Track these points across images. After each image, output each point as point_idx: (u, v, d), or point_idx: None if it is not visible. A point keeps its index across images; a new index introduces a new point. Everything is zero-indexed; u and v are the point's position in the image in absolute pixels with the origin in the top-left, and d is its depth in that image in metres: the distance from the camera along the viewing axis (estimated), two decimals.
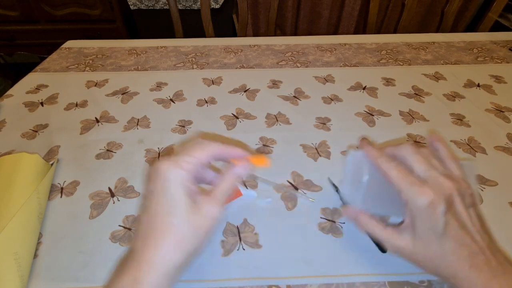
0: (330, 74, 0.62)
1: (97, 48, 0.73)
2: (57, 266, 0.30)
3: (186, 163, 0.24)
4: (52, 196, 0.37)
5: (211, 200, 0.24)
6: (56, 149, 0.44)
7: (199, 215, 0.23)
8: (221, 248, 0.32)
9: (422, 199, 0.24)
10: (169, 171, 0.23)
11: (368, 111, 0.52)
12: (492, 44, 0.73)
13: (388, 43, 0.74)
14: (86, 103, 0.54)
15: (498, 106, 0.52)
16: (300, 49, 0.72)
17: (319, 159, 0.42)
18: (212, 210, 0.24)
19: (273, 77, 0.61)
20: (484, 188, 0.38)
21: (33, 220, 0.32)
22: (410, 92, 0.56)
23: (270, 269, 0.30)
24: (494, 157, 0.43)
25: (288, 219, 0.35)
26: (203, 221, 0.23)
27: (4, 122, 0.50)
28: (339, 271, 0.30)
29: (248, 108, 0.52)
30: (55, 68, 0.65)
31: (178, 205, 0.23)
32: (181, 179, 0.23)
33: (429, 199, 0.24)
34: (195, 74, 0.62)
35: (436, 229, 0.24)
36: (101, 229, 0.34)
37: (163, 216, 0.23)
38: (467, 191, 0.26)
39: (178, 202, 0.23)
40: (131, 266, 0.22)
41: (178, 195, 0.23)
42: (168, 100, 0.55)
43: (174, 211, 0.23)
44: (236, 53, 0.70)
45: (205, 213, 0.24)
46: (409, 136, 0.46)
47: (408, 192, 0.25)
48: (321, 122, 0.49)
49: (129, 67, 0.65)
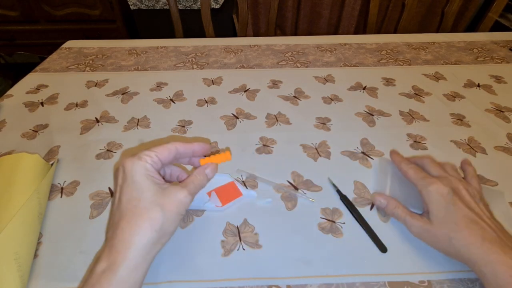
0: (330, 74, 0.62)
1: (97, 48, 0.73)
2: (57, 266, 0.30)
3: (148, 156, 0.26)
4: (52, 196, 0.37)
5: (179, 187, 0.27)
6: (56, 149, 0.44)
7: (166, 198, 0.25)
8: (221, 248, 0.32)
9: (431, 187, 0.30)
10: (133, 164, 0.26)
11: (368, 111, 0.52)
12: (492, 44, 0.73)
13: (388, 43, 0.74)
14: (86, 103, 0.54)
15: (498, 106, 0.52)
16: (300, 49, 0.72)
17: (319, 159, 0.42)
18: (179, 194, 0.26)
19: (273, 77, 0.61)
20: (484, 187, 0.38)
21: (33, 220, 0.32)
22: (410, 92, 0.56)
23: (270, 269, 0.30)
24: (494, 157, 0.43)
25: (288, 219, 0.35)
26: (170, 202, 0.25)
27: (4, 122, 0.50)
28: (339, 271, 0.30)
29: (248, 108, 0.52)
30: (55, 68, 0.65)
31: (145, 191, 0.25)
32: (145, 170, 0.26)
33: (437, 186, 0.30)
34: (195, 74, 0.62)
35: (447, 209, 0.29)
36: (101, 229, 0.34)
37: (131, 201, 0.25)
38: (476, 190, 0.32)
39: (145, 188, 0.25)
40: (107, 251, 0.23)
41: (144, 183, 0.25)
42: (168, 100, 0.55)
43: (142, 195, 0.25)
44: (236, 53, 0.70)
45: (172, 196, 0.26)
46: (409, 136, 0.46)
47: (420, 184, 0.31)
48: (321, 122, 0.49)
49: (129, 67, 0.65)
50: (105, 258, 0.23)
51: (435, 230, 0.29)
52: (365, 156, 0.43)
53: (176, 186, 0.27)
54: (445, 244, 0.29)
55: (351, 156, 0.43)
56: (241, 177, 0.40)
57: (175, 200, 0.25)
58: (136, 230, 0.23)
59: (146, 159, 0.26)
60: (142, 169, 0.26)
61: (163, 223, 0.24)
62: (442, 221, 0.29)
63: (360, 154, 0.43)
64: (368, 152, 0.43)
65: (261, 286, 0.29)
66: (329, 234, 0.33)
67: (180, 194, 0.26)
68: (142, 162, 0.26)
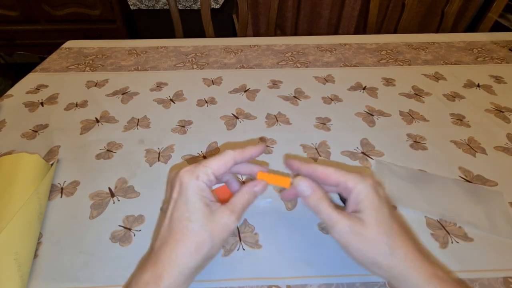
0: (330, 74, 0.62)
1: (97, 48, 0.73)
2: (57, 266, 0.30)
3: (205, 174, 0.26)
4: (52, 196, 0.37)
5: (227, 210, 0.26)
6: (56, 149, 0.44)
7: (215, 223, 0.25)
8: (221, 248, 0.32)
9: (367, 182, 0.26)
10: (189, 181, 0.25)
11: (368, 111, 0.52)
12: (492, 44, 0.73)
13: (388, 43, 0.74)
14: (86, 103, 0.54)
15: (498, 106, 0.52)
16: (300, 49, 0.72)
17: (319, 159, 0.42)
18: (227, 219, 0.25)
19: (273, 77, 0.61)
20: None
21: (33, 220, 0.32)
22: (410, 92, 0.56)
23: (270, 269, 0.30)
24: (494, 157, 0.43)
25: (288, 219, 0.35)
26: (219, 228, 0.25)
27: (4, 122, 0.50)
28: (339, 271, 0.30)
29: (248, 108, 0.52)
30: (55, 68, 0.65)
31: (196, 212, 0.25)
32: (200, 190, 0.25)
33: (371, 181, 0.26)
34: (195, 74, 0.62)
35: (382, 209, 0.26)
36: (101, 229, 0.34)
37: (182, 221, 0.25)
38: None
39: (197, 210, 0.25)
40: (153, 263, 0.24)
41: (197, 204, 0.25)
42: (168, 100, 0.55)
43: (193, 217, 0.25)
44: (236, 53, 0.70)
45: (221, 221, 0.25)
46: (409, 136, 0.46)
47: (352, 179, 0.26)
48: (321, 122, 0.49)
49: (129, 67, 0.65)
50: (150, 269, 0.24)
51: (368, 233, 0.24)
52: (365, 156, 0.43)
53: (225, 209, 0.26)
54: (379, 253, 0.24)
55: (351, 156, 0.43)
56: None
57: (224, 226, 0.25)
58: (184, 252, 0.24)
59: (203, 177, 0.26)
60: (197, 188, 0.25)
61: (210, 249, 0.24)
62: (377, 223, 0.25)
63: (360, 154, 0.43)
64: (368, 152, 0.43)
65: (261, 286, 0.29)
66: (329, 234, 0.33)
67: (229, 220, 0.25)
68: (199, 182, 0.25)
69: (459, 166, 0.41)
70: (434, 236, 0.33)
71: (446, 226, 0.34)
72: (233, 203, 0.27)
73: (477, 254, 0.31)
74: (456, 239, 0.33)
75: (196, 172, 0.26)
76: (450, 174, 0.40)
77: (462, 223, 0.34)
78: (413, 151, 0.44)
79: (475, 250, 0.32)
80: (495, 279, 0.29)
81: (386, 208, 0.26)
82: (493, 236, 0.33)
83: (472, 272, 0.30)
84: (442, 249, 0.32)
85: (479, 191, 0.38)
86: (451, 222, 0.34)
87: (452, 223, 0.34)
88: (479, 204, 0.36)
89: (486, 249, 0.32)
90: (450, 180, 0.39)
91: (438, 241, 0.33)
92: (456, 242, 0.33)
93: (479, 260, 0.31)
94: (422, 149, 0.44)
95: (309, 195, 0.27)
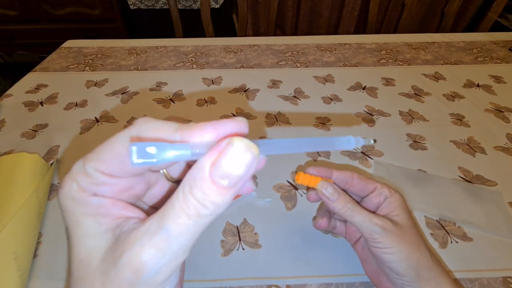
0: (330, 74, 0.62)
1: (97, 48, 0.73)
2: (57, 266, 0.30)
3: (81, 175, 0.15)
4: (52, 196, 0.37)
5: (139, 239, 0.13)
6: (56, 149, 0.44)
7: (115, 272, 0.13)
8: (221, 248, 0.32)
9: (398, 194, 0.27)
10: (62, 196, 0.15)
11: (368, 111, 0.52)
12: (492, 44, 0.73)
13: (388, 43, 0.74)
14: (86, 103, 0.54)
15: (497, 106, 0.53)
16: (300, 49, 0.72)
17: (319, 159, 0.42)
18: (138, 258, 0.13)
19: (273, 77, 0.61)
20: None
21: (32, 220, 0.32)
22: (410, 92, 0.56)
23: (270, 269, 0.30)
24: (494, 157, 0.43)
25: (288, 219, 0.35)
26: (121, 280, 0.13)
27: (3, 122, 0.49)
28: (339, 271, 0.30)
29: (248, 108, 0.52)
30: (54, 68, 0.65)
31: (88, 263, 0.14)
32: (78, 204, 0.15)
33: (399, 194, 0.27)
34: (195, 74, 0.62)
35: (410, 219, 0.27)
36: None
37: (78, 280, 0.15)
38: None
39: (87, 257, 0.14)
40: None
41: (88, 244, 0.15)
42: (168, 100, 0.55)
43: (85, 274, 0.14)
44: (236, 53, 0.70)
45: (124, 265, 0.13)
46: (409, 136, 0.46)
47: (383, 191, 0.27)
48: (321, 122, 0.49)
49: (129, 67, 0.65)
50: None
51: (406, 235, 0.25)
52: (365, 156, 0.43)
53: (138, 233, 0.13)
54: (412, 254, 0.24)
55: (351, 156, 0.43)
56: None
57: (129, 272, 0.13)
58: None
59: (81, 181, 0.15)
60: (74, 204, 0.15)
61: None
62: (413, 226, 0.26)
63: (360, 154, 0.43)
64: (367, 152, 0.43)
65: (260, 286, 0.29)
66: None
67: (142, 258, 0.13)
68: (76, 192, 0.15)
69: (459, 166, 0.41)
70: (433, 236, 0.33)
71: (446, 226, 0.34)
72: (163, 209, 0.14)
73: (476, 254, 0.31)
74: (455, 238, 0.33)
75: (73, 175, 0.15)
76: (450, 174, 0.40)
77: (461, 223, 0.34)
78: (412, 151, 0.44)
79: (474, 249, 0.32)
80: (495, 279, 0.29)
81: (412, 218, 0.27)
82: (492, 236, 0.33)
83: (472, 271, 0.30)
84: (442, 249, 0.32)
85: (478, 191, 0.38)
86: (450, 222, 0.34)
87: (452, 223, 0.34)
88: (478, 204, 0.36)
89: (485, 249, 0.32)
90: (450, 180, 0.39)
91: (437, 241, 0.33)
92: (456, 242, 0.33)
93: (478, 260, 0.31)
94: (421, 149, 0.44)
95: (337, 199, 0.26)
